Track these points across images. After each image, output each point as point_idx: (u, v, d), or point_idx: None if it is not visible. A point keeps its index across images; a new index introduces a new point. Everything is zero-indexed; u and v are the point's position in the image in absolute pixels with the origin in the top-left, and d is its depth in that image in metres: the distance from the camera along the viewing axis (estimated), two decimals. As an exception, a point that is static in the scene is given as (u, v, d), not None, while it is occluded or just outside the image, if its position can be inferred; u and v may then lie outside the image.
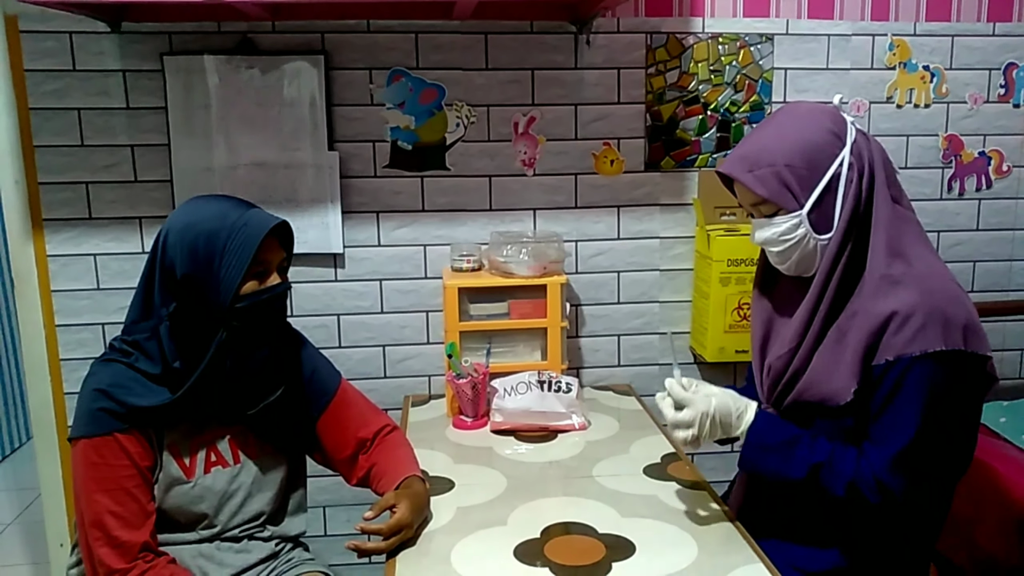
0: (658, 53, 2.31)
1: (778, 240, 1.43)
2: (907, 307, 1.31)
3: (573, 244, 2.38)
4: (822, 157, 1.39)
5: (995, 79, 2.45)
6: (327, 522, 2.42)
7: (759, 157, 1.41)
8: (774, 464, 1.40)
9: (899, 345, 1.31)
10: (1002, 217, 2.52)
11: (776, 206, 1.41)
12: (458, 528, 1.53)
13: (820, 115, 1.43)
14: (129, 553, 1.39)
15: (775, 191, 1.40)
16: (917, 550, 1.48)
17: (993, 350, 1.39)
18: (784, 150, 1.39)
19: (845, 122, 1.43)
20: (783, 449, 1.39)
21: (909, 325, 1.30)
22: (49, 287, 2.23)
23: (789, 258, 1.44)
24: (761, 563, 1.37)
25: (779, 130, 1.44)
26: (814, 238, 1.40)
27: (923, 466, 1.33)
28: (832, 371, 1.38)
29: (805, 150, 1.39)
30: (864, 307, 1.36)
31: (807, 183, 1.39)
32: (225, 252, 1.40)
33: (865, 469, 1.34)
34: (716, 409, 1.41)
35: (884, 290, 1.34)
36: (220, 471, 1.52)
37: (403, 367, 2.39)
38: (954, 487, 1.46)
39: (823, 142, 1.39)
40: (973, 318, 1.35)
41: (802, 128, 1.41)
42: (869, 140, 1.44)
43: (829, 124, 1.41)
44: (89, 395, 1.41)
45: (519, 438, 1.97)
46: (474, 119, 2.29)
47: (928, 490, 1.38)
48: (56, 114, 2.16)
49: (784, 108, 1.51)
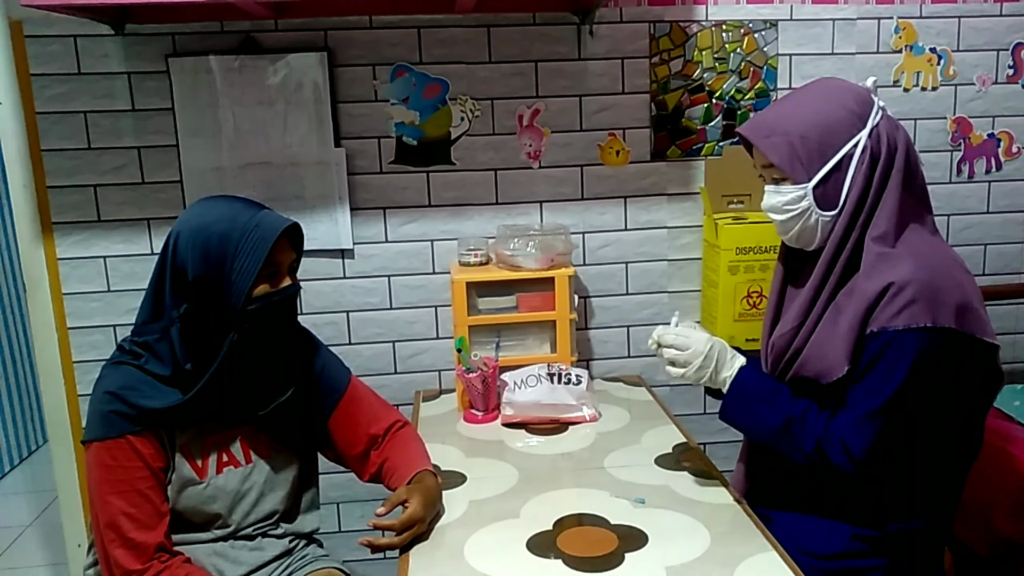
0: (662, 42, 2.30)
1: (781, 208, 1.45)
2: (901, 280, 1.32)
3: (580, 236, 2.37)
4: (837, 135, 1.40)
5: (1003, 60, 2.42)
6: (341, 518, 2.43)
7: (776, 124, 1.44)
8: (754, 411, 1.46)
9: (886, 317, 1.32)
10: (1012, 199, 2.50)
11: (784, 174, 1.43)
12: (471, 521, 1.53)
13: (846, 93, 1.44)
14: (144, 554, 1.40)
15: (785, 160, 1.41)
16: (930, 536, 1.47)
17: (1005, 333, 1.39)
18: (801, 122, 1.41)
19: (872, 105, 1.43)
20: (764, 398, 1.45)
21: (900, 298, 1.32)
22: (60, 290, 2.25)
23: (791, 229, 1.46)
24: (774, 551, 1.37)
25: (803, 101, 1.46)
26: (816, 213, 1.42)
27: (891, 434, 1.34)
28: (827, 347, 1.40)
29: (821, 125, 1.40)
30: (860, 284, 1.38)
31: (818, 158, 1.40)
32: (237, 254, 1.41)
33: (832, 428, 1.38)
34: (714, 350, 1.48)
35: (880, 267, 1.35)
36: (232, 471, 1.53)
37: (413, 362, 2.40)
38: (967, 470, 1.46)
39: (841, 120, 1.40)
40: (970, 300, 1.35)
41: (824, 103, 1.42)
42: (898, 129, 1.44)
43: (852, 104, 1.41)
44: (100, 398, 1.41)
45: (530, 431, 1.97)
46: (478, 113, 2.28)
47: (900, 462, 1.39)
48: (63, 118, 2.17)
49: (816, 81, 1.53)
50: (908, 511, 1.43)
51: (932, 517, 1.46)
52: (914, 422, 1.35)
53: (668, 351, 1.52)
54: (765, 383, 1.49)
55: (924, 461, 1.40)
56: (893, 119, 1.45)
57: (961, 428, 1.41)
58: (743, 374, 1.48)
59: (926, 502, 1.44)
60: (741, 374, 1.48)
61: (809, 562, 1.42)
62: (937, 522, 1.47)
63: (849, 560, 1.44)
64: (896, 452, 1.37)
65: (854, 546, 1.44)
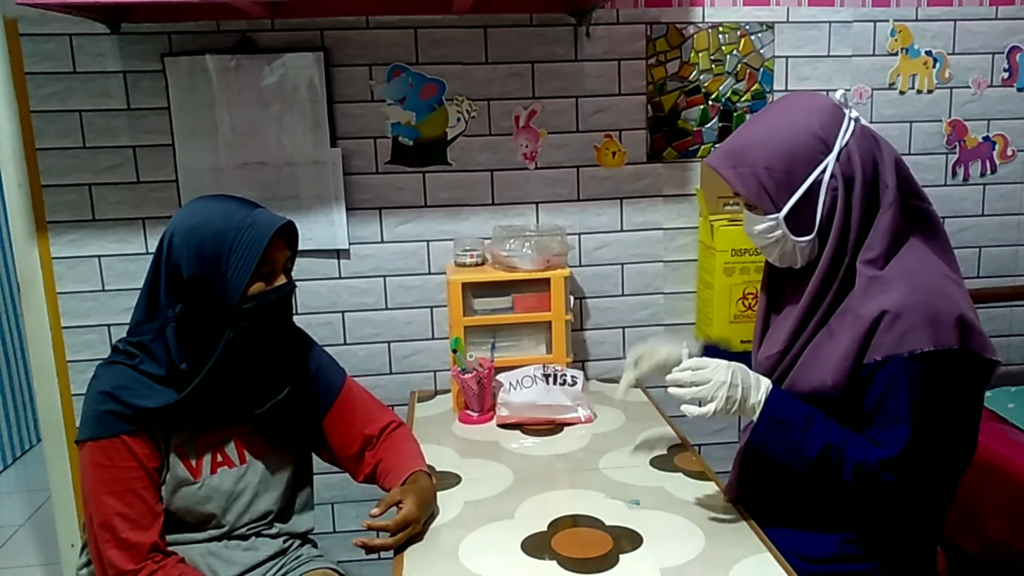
0: (658, 44, 2.30)
1: (757, 235, 1.44)
2: (897, 306, 1.29)
3: (576, 237, 2.38)
4: (802, 163, 1.36)
5: (998, 63, 2.43)
6: (335, 518, 2.43)
7: (743, 154, 1.40)
8: (791, 438, 1.36)
9: (889, 345, 1.29)
10: (1007, 202, 2.51)
11: (754, 203, 1.41)
12: (465, 522, 1.53)
13: (812, 115, 1.38)
14: (138, 554, 1.39)
15: (753, 192, 1.39)
16: (921, 537, 1.47)
17: (1000, 335, 1.38)
18: (765, 151, 1.37)
19: (840, 124, 1.38)
20: (800, 424, 1.35)
21: (898, 324, 1.29)
22: (55, 290, 2.24)
23: (771, 253, 1.46)
24: (768, 552, 1.37)
25: (766, 128, 1.41)
26: (791, 240, 1.40)
27: (919, 462, 1.32)
28: (819, 369, 1.37)
29: (785, 154, 1.36)
30: (854, 308, 1.35)
31: (785, 188, 1.37)
32: (232, 253, 1.40)
33: (872, 463, 1.33)
34: (736, 376, 1.38)
35: (873, 291, 1.33)
36: (227, 471, 1.53)
37: (408, 363, 2.40)
38: (958, 477, 1.46)
39: (806, 146, 1.36)
40: (966, 313, 1.32)
41: (786, 130, 1.38)
42: (878, 142, 1.40)
43: (817, 128, 1.36)
44: (95, 398, 1.41)
45: (525, 432, 1.97)
46: (475, 113, 2.28)
47: (926, 481, 1.38)
48: (58, 116, 2.16)
49: (782, 100, 1.49)
50: (901, 517, 1.43)
51: (925, 520, 1.46)
52: (934, 441, 1.34)
53: (688, 391, 1.41)
54: (798, 407, 1.38)
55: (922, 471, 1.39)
56: (869, 131, 1.40)
57: (959, 437, 1.41)
58: (773, 399, 1.38)
59: (921, 507, 1.44)
60: (772, 399, 1.38)
61: (801, 566, 1.41)
62: (930, 527, 1.47)
63: (841, 564, 1.44)
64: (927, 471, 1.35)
65: (846, 550, 1.43)
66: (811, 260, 1.43)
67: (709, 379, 1.39)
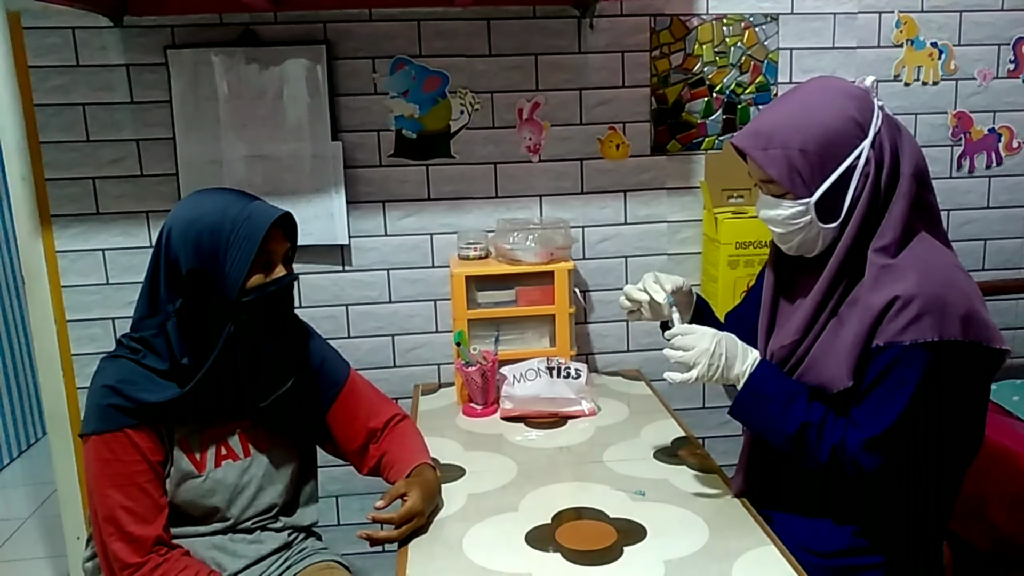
0: (662, 36, 2.29)
1: (783, 222, 1.40)
2: (907, 293, 1.28)
3: (580, 230, 2.37)
4: (839, 147, 1.33)
5: (1004, 54, 2.42)
6: (340, 511, 2.44)
7: (774, 135, 1.36)
8: (769, 413, 1.37)
9: (893, 331, 1.29)
10: (1013, 194, 2.50)
11: (784, 188, 1.38)
12: (469, 515, 1.53)
13: (846, 99, 1.35)
14: (143, 547, 1.39)
15: (785, 175, 1.35)
16: (928, 529, 1.47)
17: (1005, 328, 1.37)
18: (801, 133, 1.33)
19: (872, 109, 1.35)
20: (782, 400, 1.37)
21: (906, 312, 1.28)
22: (59, 283, 2.24)
23: (791, 240, 1.42)
24: (772, 545, 1.37)
25: (800, 110, 1.37)
26: (819, 225, 1.37)
27: (902, 449, 1.32)
28: (830, 360, 1.36)
29: (822, 137, 1.32)
30: (864, 297, 1.34)
31: (819, 172, 1.34)
32: (230, 245, 1.40)
33: (848, 445, 1.33)
34: (721, 345, 1.41)
35: (884, 279, 1.32)
36: (231, 464, 1.53)
37: (412, 356, 2.40)
38: (966, 468, 1.45)
39: (843, 130, 1.33)
40: (974, 307, 1.31)
41: (824, 112, 1.34)
42: (900, 131, 1.38)
43: (854, 111, 1.34)
44: (98, 391, 1.41)
45: (529, 424, 1.97)
46: (478, 106, 2.28)
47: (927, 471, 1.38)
48: (61, 110, 2.16)
49: (812, 83, 1.44)
50: (909, 508, 1.43)
51: (932, 513, 1.46)
52: (922, 432, 1.34)
53: (673, 353, 1.43)
54: (783, 383, 1.40)
55: (927, 462, 1.38)
56: (893, 120, 1.39)
57: (964, 429, 1.40)
58: (759, 372, 1.40)
59: (927, 499, 1.44)
60: (757, 372, 1.40)
61: (811, 560, 1.41)
62: (936, 518, 1.47)
63: (850, 557, 1.44)
64: (906, 461, 1.35)
65: (856, 543, 1.43)
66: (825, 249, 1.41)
67: (693, 346, 1.42)
